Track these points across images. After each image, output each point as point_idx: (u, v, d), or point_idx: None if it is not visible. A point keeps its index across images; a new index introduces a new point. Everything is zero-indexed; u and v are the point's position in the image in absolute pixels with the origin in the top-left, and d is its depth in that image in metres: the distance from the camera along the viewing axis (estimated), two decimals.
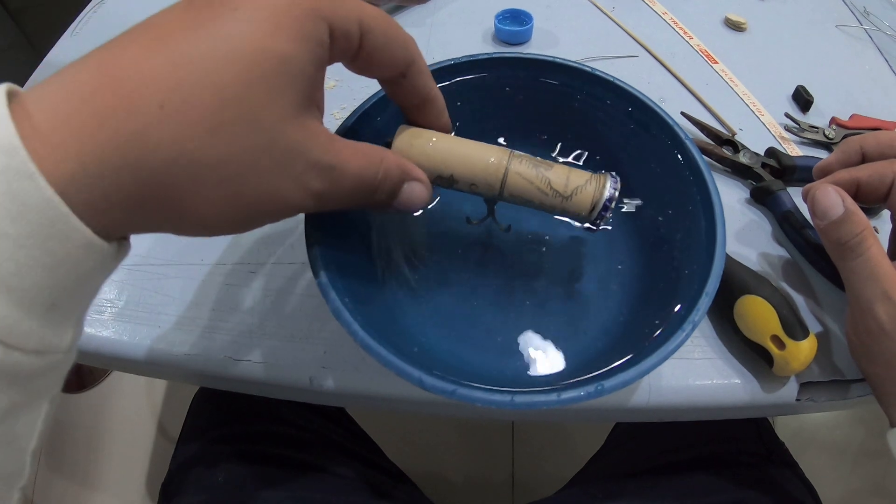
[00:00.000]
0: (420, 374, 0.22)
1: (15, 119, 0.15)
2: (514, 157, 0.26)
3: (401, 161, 0.24)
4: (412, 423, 1.00)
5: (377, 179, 0.23)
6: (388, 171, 0.23)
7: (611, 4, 0.55)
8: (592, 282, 0.32)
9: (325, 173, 0.20)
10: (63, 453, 0.99)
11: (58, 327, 0.17)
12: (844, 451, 0.98)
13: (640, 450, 0.49)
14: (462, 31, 0.52)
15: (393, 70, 0.24)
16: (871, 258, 0.28)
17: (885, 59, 0.52)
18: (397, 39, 0.23)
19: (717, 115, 0.46)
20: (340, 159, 0.21)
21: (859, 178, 0.30)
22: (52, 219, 0.15)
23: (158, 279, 0.36)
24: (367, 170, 0.22)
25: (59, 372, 0.18)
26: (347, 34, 0.21)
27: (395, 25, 0.23)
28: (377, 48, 0.22)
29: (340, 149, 0.21)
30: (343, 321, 0.24)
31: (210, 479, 0.42)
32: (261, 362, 0.32)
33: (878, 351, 0.28)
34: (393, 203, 0.24)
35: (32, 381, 0.17)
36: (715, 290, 0.24)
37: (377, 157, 0.23)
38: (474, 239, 0.33)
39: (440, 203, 0.33)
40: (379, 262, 0.30)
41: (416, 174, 0.25)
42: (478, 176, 0.26)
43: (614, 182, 0.26)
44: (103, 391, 1.05)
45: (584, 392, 0.21)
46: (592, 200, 0.26)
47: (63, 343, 0.18)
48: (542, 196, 0.26)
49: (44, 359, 0.17)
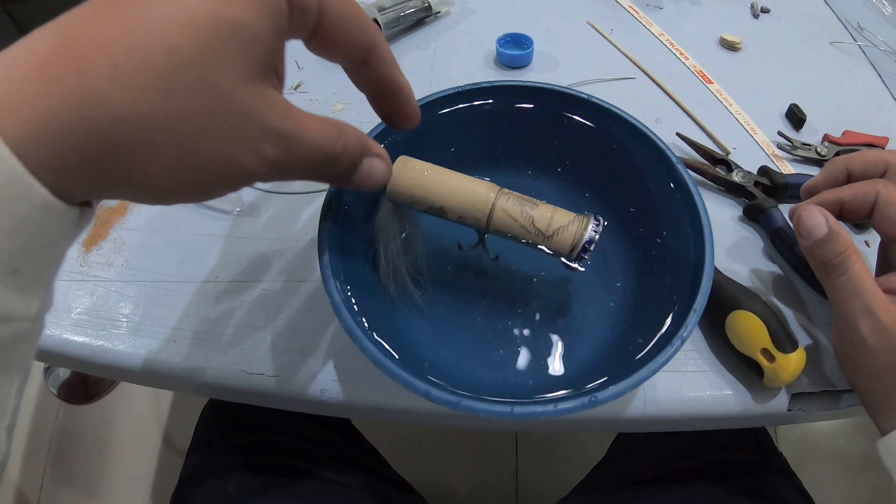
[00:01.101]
0: (426, 387, 0.23)
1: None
2: (502, 195, 0.28)
3: (361, 135, 0.24)
4: (417, 435, 1.01)
5: (336, 151, 0.22)
6: (348, 143, 0.23)
7: (609, 27, 0.57)
8: (588, 301, 0.33)
9: (281, 140, 0.20)
10: (70, 464, 1.00)
11: (23, 294, 0.17)
12: (847, 461, 0.98)
13: (639, 460, 0.50)
14: (464, 55, 0.54)
15: (353, 54, 0.24)
16: (853, 275, 0.29)
17: (878, 75, 0.53)
18: (357, 21, 0.23)
19: (712, 135, 0.47)
20: (297, 128, 0.21)
21: (843, 198, 0.31)
22: (10, 179, 0.15)
23: (174, 295, 0.38)
24: (325, 140, 0.22)
25: (28, 343, 0.19)
26: (305, 6, 0.20)
27: (356, 7, 0.22)
28: (335, 27, 0.22)
29: (298, 118, 0.21)
30: (354, 338, 0.25)
31: (220, 489, 0.43)
32: (273, 375, 0.34)
33: (862, 363, 0.29)
34: (352, 177, 0.24)
35: (1, 352, 0.17)
36: (703, 308, 0.26)
37: (337, 128, 0.23)
38: (468, 264, 0.35)
39: (441, 226, 0.35)
40: (389, 285, 0.32)
41: (375, 150, 0.25)
42: (466, 210, 0.28)
43: (596, 225, 0.27)
44: (110, 402, 1.06)
45: (579, 403, 0.22)
46: (573, 241, 0.27)
47: (29, 311, 0.18)
48: (525, 233, 0.28)
49: (8, 327, 0.17)
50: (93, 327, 0.36)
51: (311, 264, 0.39)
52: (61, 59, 0.16)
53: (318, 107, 0.48)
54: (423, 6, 0.55)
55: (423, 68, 0.52)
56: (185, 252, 0.39)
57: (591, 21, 0.58)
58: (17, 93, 0.16)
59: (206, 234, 0.40)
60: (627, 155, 0.34)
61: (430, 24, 0.57)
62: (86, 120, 0.16)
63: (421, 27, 0.57)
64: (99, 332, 0.36)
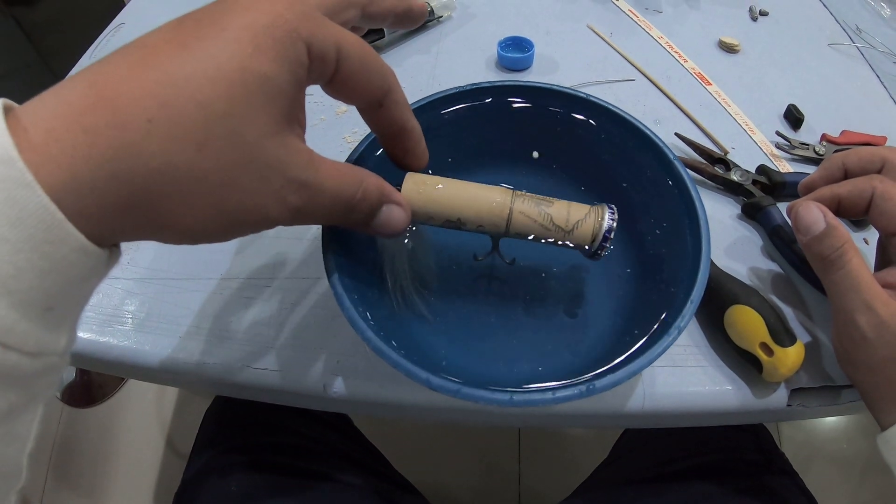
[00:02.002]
0: (427, 375, 0.23)
1: (12, 133, 0.16)
2: (518, 197, 0.28)
3: (380, 183, 0.25)
4: (420, 436, 1.01)
5: (355, 199, 0.23)
6: (367, 191, 0.24)
7: (609, 30, 0.58)
8: (591, 298, 0.34)
9: (303, 189, 0.21)
10: (72, 467, 1.00)
11: (54, 330, 0.18)
12: (852, 464, 0.98)
13: (641, 460, 0.50)
14: (466, 58, 0.54)
15: (368, 97, 0.24)
16: (851, 271, 0.29)
17: (876, 76, 0.54)
18: (374, 67, 0.23)
19: (710, 135, 0.48)
20: (318, 177, 0.22)
21: (840, 194, 0.32)
22: (49, 225, 0.16)
23: (179, 292, 0.38)
24: (345, 188, 0.23)
25: (54, 375, 0.19)
26: (324, 56, 0.21)
27: (372, 54, 0.23)
28: (353, 73, 0.23)
29: (319, 166, 0.22)
30: (357, 328, 0.25)
31: (223, 489, 0.44)
32: (277, 370, 0.34)
33: (861, 359, 0.29)
34: (371, 224, 0.25)
35: (30, 382, 0.18)
36: (700, 298, 0.26)
37: (357, 177, 0.23)
38: (481, 271, 0.35)
39: (448, 238, 0.35)
40: (395, 298, 0.32)
41: (394, 197, 0.25)
42: (484, 218, 0.28)
43: (612, 213, 0.28)
44: (113, 406, 1.07)
45: (577, 391, 0.23)
46: (593, 232, 0.28)
47: (59, 346, 0.18)
48: (545, 232, 0.28)
49: (40, 361, 0.18)
50: (98, 324, 0.37)
51: (316, 263, 0.39)
52: (97, 110, 0.17)
53: (322, 109, 0.49)
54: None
55: (425, 72, 0.53)
56: (191, 250, 0.40)
57: (591, 24, 0.58)
58: (56, 142, 0.17)
59: None
60: (626, 153, 0.34)
61: (433, 28, 0.58)
62: (122, 171, 0.17)
63: (423, 31, 0.57)
64: (104, 329, 0.36)
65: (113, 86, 0.18)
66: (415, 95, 0.36)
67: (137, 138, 0.17)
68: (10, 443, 0.18)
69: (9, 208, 0.16)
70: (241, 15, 0.19)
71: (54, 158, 0.16)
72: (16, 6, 0.84)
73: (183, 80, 0.18)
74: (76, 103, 0.17)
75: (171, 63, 0.18)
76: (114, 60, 0.18)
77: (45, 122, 0.17)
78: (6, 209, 0.16)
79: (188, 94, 0.18)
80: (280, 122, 0.20)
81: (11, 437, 0.18)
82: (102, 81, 0.18)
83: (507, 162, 0.38)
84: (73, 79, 0.18)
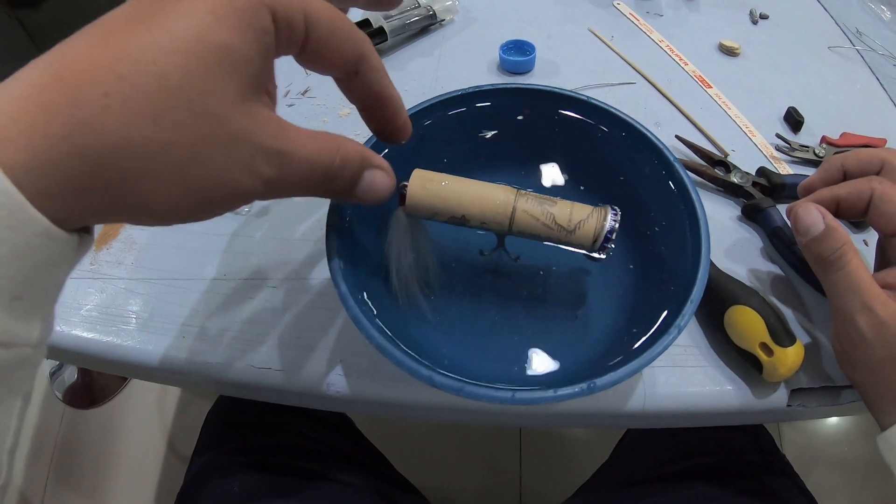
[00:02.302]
0: (430, 373, 0.24)
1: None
2: (521, 196, 0.28)
3: (360, 147, 0.24)
4: (421, 437, 1.01)
5: (334, 166, 0.22)
6: (347, 157, 0.23)
7: (610, 33, 0.58)
8: (592, 297, 0.34)
9: (275, 158, 0.20)
10: (73, 469, 1.01)
11: (25, 320, 0.17)
12: (854, 467, 0.98)
13: (642, 461, 0.50)
14: (468, 62, 0.55)
15: (342, 65, 0.23)
16: (850, 271, 0.29)
17: (876, 78, 0.54)
18: (345, 34, 0.23)
19: (711, 138, 0.48)
20: (291, 144, 0.21)
21: (839, 196, 0.32)
22: (10, 209, 0.16)
23: (182, 292, 0.38)
24: (320, 155, 0.22)
25: (29, 368, 0.19)
26: (291, 23, 0.21)
27: (343, 19, 0.23)
28: (324, 41, 0.22)
29: (292, 134, 0.21)
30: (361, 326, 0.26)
31: (225, 489, 0.44)
32: (280, 370, 0.34)
33: (860, 359, 0.29)
34: (354, 191, 0.24)
35: (3, 376, 0.17)
36: (700, 298, 0.26)
37: (334, 142, 0.23)
38: (486, 267, 0.35)
39: (453, 235, 0.35)
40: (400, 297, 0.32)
41: (376, 161, 0.24)
42: (488, 215, 0.28)
43: (614, 214, 0.28)
44: (115, 407, 1.07)
45: (578, 389, 0.23)
46: (595, 233, 0.28)
47: (31, 336, 0.18)
48: (548, 231, 0.28)
49: (11, 352, 0.17)
50: (102, 324, 0.37)
51: (319, 263, 0.39)
52: (54, 88, 0.17)
53: (325, 111, 0.49)
54: (427, 14, 0.57)
55: (427, 75, 0.53)
56: (195, 251, 0.40)
57: (592, 28, 0.59)
58: (14, 123, 0.16)
59: (215, 234, 0.41)
60: (626, 155, 0.35)
61: (435, 32, 0.58)
62: (80, 148, 0.17)
63: (426, 34, 0.58)
64: (108, 329, 0.37)
65: (70, 64, 0.17)
66: (417, 98, 0.36)
67: (94, 114, 0.17)
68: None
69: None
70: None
71: (12, 140, 0.16)
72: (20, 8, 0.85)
73: (138, 53, 0.17)
74: (35, 82, 0.17)
75: (128, 38, 0.18)
76: (74, 40, 0.18)
77: (5, 103, 0.16)
78: None
79: (143, 66, 0.17)
80: (245, 92, 0.20)
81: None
82: (60, 60, 0.17)
83: (506, 163, 0.38)
84: (37, 60, 0.18)
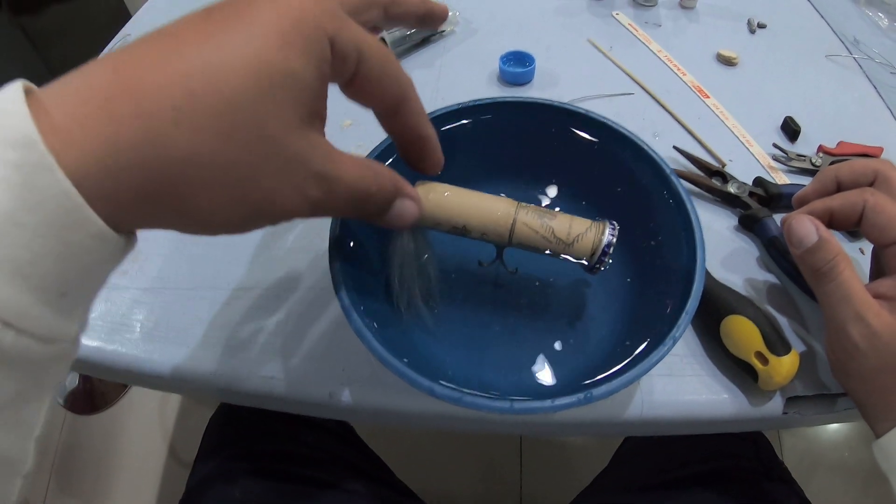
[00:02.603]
0: (430, 384, 0.24)
1: (34, 115, 0.16)
2: (521, 209, 0.29)
3: (395, 177, 0.25)
4: (422, 445, 1.01)
5: (371, 192, 0.24)
6: (383, 185, 0.24)
7: (609, 45, 0.59)
8: (590, 308, 0.35)
9: (323, 183, 0.22)
10: (75, 475, 1.01)
11: (67, 316, 0.18)
12: (854, 474, 0.98)
13: (641, 468, 0.51)
14: (469, 73, 0.56)
15: (385, 103, 0.25)
16: (843, 282, 0.30)
17: (873, 87, 0.54)
18: (392, 73, 0.24)
19: (708, 148, 0.48)
20: (338, 170, 0.22)
21: (832, 208, 0.32)
22: (68, 209, 0.16)
23: (187, 301, 0.39)
24: (362, 181, 0.23)
25: (65, 362, 0.19)
26: (345, 55, 0.21)
27: (392, 59, 0.24)
28: (371, 77, 0.23)
29: (338, 160, 0.22)
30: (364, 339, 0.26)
31: (227, 495, 0.44)
32: (283, 379, 0.35)
33: (854, 368, 0.30)
34: (385, 216, 0.26)
35: (40, 369, 0.18)
36: (695, 309, 0.27)
37: (373, 170, 0.24)
38: (485, 277, 0.36)
39: (454, 246, 0.36)
40: (401, 308, 0.32)
41: (408, 191, 0.26)
42: (488, 227, 0.29)
43: (612, 229, 0.29)
44: (116, 413, 1.07)
45: (576, 399, 0.24)
46: (593, 246, 0.29)
47: (71, 332, 0.18)
48: (546, 243, 0.29)
49: (52, 347, 0.18)
50: (107, 332, 0.37)
51: (322, 274, 0.40)
52: (122, 97, 0.17)
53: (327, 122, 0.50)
54: None
55: (428, 85, 0.54)
56: (199, 260, 0.41)
57: (592, 39, 0.59)
58: (80, 127, 0.17)
59: (219, 244, 0.41)
60: (624, 167, 0.35)
61: (436, 43, 0.59)
62: (146, 159, 0.17)
63: (426, 45, 0.58)
64: (113, 337, 0.37)
65: (139, 74, 0.18)
66: None
67: (163, 127, 0.17)
68: (16, 426, 0.18)
69: (27, 192, 0.15)
70: (269, 9, 0.20)
71: (77, 143, 0.16)
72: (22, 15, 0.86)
73: (210, 71, 0.18)
74: (101, 88, 0.17)
75: (198, 54, 0.18)
76: (139, 48, 0.19)
77: (68, 106, 0.17)
78: (25, 193, 0.15)
79: (215, 85, 0.18)
80: (303, 117, 0.20)
81: (18, 422, 0.18)
82: (128, 69, 0.18)
83: (505, 176, 0.39)
84: (98, 63, 0.18)
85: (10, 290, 0.16)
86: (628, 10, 0.63)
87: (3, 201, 0.15)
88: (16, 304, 0.16)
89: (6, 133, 0.16)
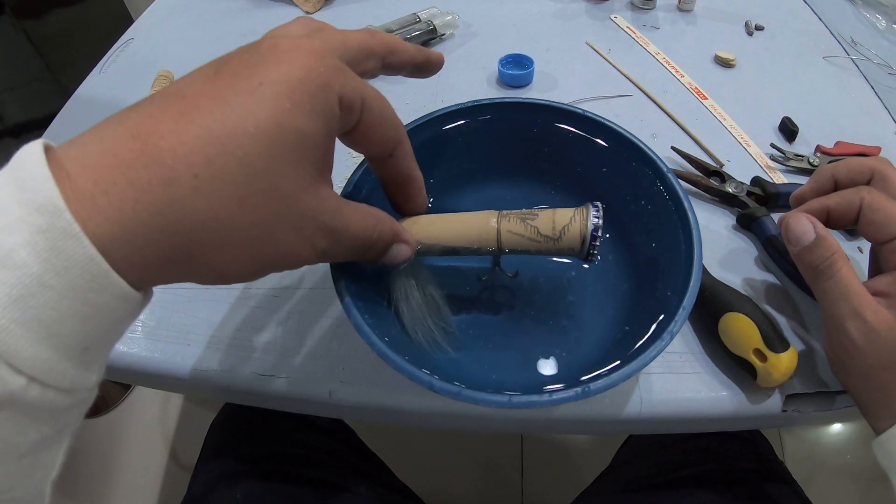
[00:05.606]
0: (430, 378, 0.24)
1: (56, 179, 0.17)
2: (503, 217, 0.29)
3: (393, 224, 0.27)
4: (422, 446, 1.01)
5: (372, 240, 0.25)
6: (383, 233, 0.26)
7: (607, 47, 0.59)
8: (588, 305, 0.35)
9: (331, 235, 0.23)
10: (75, 479, 1.01)
11: (88, 368, 0.19)
12: (856, 477, 0.97)
13: (642, 468, 0.51)
14: (468, 75, 0.56)
15: (382, 148, 0.26)
16: (841, 279, 0.30)
17: (871, 87, 0.55)
18: (390, 120, 0.25)
19: (706, 149, 0.49)
20: (345, 223, 0.24)
21: (829, 206, 0.32)
22: (94, 274, 0.17)
23: (188, 301, 0.39)
24: (365, 231, 0.25)
25: (83, 407, 0.20)
26: (351, 108, 0.23)
27: (389, 107, 0.25)
28: (372, 125, 0.24)
29: (346, 213, 0.24)
30: (362, 333, 0.26)
31: (230, 497, 0.44)
32: (284, 377, 0.35)
33: (852, 365, 0.30)
34: (381, 259, 0.28)
35: (61, 416, 0.19)
36: (692, 305, 0.27)
37: (375, 218, 0.26)
38: (489, 286, 0.36)
39: (452, 261, 0.37)
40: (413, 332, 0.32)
41: (404, 237, 0.28)
42: (474, 242, 0.29)
43: (596, 210, 0.28)
44: (117, 417, 1.07)
45: (573, 393, 0.24)
46: (581, 234, 0.28)
47: (90, 381, 0.19)
48: (535, 244, 0.29)
49: (73, 396, 0.18)
50: None
51: (322, 274, 0.40)
52: (143, 165, 0.18)
53: None
54: (428, 29, 0.58)
55: (428, 89, 0.54)
56: None
57: (590, 41, 0.60)
58: (104, 195, 0.17)
59: None
60: (621, 166, 0.36)
61: (435, 46, 0.59)
62: (168, 224, 0.18)
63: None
64: None
65: (157, 140, 0.18)
66: (418, 112, 0.37)
67: (184, 194, 0.18)
68: (36, 471, 0.19)
69: (55, 257, 0.16)
70: (276, 68, 0.20)
71: (102, 211, 0.17)
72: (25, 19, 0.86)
73: (225, 137, 0.19)
74: (121, 155, 0.18)
75: (212, 118, 0.19)
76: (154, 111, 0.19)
77: (90, 171, 0.17)
78: (52, 258, 0.16)
79: (230, 151, 0.19)
80: (314, 174, 0.21)
81: (38, 465, 0.19)
82: (146, 134, 0.18)
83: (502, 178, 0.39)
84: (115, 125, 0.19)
85: (38, 347, 0.16)
86: (626, 13, 0.64)
87: (32, 264, 0.16)
88: (43, 362, 0.17)
89: (31, 196, 0.16)
